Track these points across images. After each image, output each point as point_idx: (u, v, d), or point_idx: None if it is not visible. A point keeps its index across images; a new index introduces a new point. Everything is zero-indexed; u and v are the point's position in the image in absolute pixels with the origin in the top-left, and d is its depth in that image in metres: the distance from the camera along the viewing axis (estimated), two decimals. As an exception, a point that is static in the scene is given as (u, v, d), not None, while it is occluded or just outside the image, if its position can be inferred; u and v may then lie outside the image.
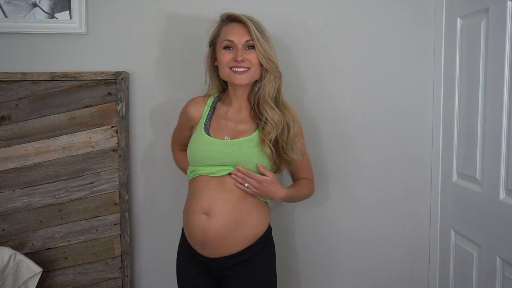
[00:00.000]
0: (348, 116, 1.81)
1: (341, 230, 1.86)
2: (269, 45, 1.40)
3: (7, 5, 1.67)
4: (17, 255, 1.59)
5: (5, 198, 1.70)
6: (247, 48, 1.39)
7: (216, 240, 1.34)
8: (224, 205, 1.35)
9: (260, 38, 1.37)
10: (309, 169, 1.57)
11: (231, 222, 1.35)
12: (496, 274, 1.47)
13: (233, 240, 1.35)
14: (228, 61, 1.38)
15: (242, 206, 1.36)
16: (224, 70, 1.41)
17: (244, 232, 1.36)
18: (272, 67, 1.40)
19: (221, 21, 1.46)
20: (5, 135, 1.69)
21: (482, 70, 1.52)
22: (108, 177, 1.74)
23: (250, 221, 1.37)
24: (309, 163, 1.57)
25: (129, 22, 1.73)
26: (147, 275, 1.83)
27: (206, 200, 1.36)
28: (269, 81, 1.40)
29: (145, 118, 1.77)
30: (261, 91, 1.40)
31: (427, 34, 1.81)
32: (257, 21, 1.42)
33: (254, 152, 1.36)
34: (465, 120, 1.63)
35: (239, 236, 1.36)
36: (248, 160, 1.36)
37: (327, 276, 1.88)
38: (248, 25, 1.37)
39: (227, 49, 1.40)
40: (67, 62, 1.72)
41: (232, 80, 1.40)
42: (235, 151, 1.36)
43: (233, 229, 1.35)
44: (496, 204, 1.46)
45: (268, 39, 1.40)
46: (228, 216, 1.34)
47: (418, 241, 1.88)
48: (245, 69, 1.38)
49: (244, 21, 1.38)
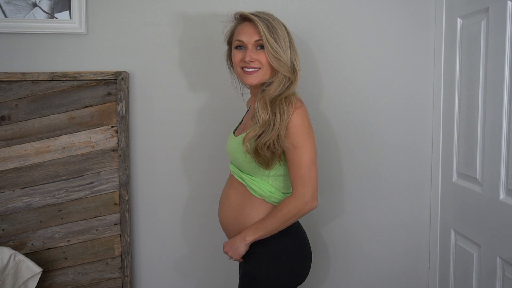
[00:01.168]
0: (348, 117, 1.81)
1: (341, 230, 1.86)
2: (280, 44, 1.33)
3: (7, 5, 1.67)
4: (17, 255, 1.59)
5: (5, 198, 1.70)
6: (258, 48, 1.36)
7: (224, 226, 1.46)
8: (227, 198, 1.45)
9: (269, 38, 1.32)
10: (296, 177, 1.31)
11: (232, 215, 1.42)
12: (496, 274, 1.47)
13: (236, 231, 1.41)
14: (239, 61, 1.38)
15: (241, 202, 1.40)
16: (236, 70, 1.41)
17: (244, 226, 1.39)
18: (283, 68, 1.34)
19: (235, 20, 1.44)
20: (5, 135, 1.69)
21: (482, 70, 1.52)
22: (108, 177, 1.74)
23: (249, 217, 1.38)
24: (296, 171, 1.31)
25: (129, 22, 1.73)
26: (147, 275, 1.83)
27: (223, 191, 1.50)
28: (278, 81, 1.36)
29: (145, 118, 1.77)
30: (266, 89, 1.38)
31: (427, 34, 1.81)
32: (271, 19, 1.35)
33: (239, 149, 1.37)
34: (465, 120, 1.63)
35: (240, 228, 1.40)
36: (235, 157, 1.40)
37: (327, 276, 1.88)
38: (257, 24, 1.33)
39: (238, 49, 1.39)
40: (67, 62, 1.72)
41: (243, 80, 1.40)
42: (234, 146, 1.40)
43: (233, 221, 1.42)
44: (496, 204, 1.46)
45: (280, 38, 1.34)
46: (230, 208, 1.43)
47: (418, 241, 1.89)
48: (255, 69, 1.36)
49: (253, 20, 1.34)
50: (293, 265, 1.38)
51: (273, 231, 1.34)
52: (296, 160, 1.30)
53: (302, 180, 1.30)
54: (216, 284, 1.85)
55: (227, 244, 1.42)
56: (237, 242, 1.37)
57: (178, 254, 1.83)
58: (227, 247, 1.41)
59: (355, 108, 1.81)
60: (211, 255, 1.83)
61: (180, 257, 1.83)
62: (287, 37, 1.37)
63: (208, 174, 1.80)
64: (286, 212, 1.31)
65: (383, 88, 1.81)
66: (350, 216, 1.86)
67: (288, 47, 1.36)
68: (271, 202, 1.38)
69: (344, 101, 1.81)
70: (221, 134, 1.78)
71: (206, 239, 1.83)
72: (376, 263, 1.88)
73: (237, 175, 1.41)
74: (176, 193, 1.81)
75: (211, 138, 1.79)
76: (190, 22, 1.74)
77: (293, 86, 1.37)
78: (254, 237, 1.35)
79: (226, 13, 1.45)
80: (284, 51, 1.35)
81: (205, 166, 1.80)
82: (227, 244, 1.42)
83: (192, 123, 1.78)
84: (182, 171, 1.80)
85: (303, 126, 1.31)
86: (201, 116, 1.78)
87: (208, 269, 1.84)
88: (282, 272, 1.35)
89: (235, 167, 1.43)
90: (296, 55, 1.39)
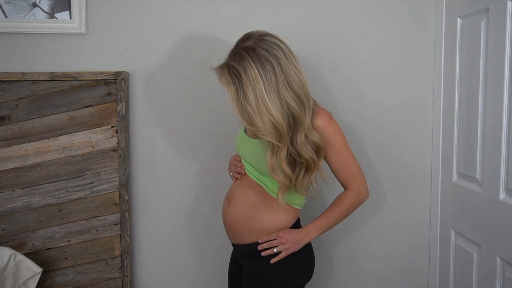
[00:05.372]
0: (347, 117, 1.81)
1: (341, 230, 1.86)
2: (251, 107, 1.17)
3: (7, 5, 1.67)
4: (17, 255, 1.59)
5: (5, 198, 1.70)
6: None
7: (231, 225, 1.41)
8: (241, 196, 1.40)
9: (236, 104, 1.19)
10: (344, 173, 1.37)
11: (244, 212, 1.38)
12: (496, 274, 1.47)
13: (244, 230, 1.38)
14: None
15: (258, 201, 1.37)
16: None
17: (255, 226, 1.37)
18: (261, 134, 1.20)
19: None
20: (5, 135, 1.69)
21: (482, 70, 1.52)
22: (108, 177, 1.74)
23: (263, 217, 1.37)
24: (342, 166, 1.36)
25: (129, 22, 1.73)
26: (147, 275, 1.83)
27: (232, 189, 1.45)
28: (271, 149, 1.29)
29: (145, 118, 1.77)
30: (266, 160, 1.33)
31: (427, 34, 1.81)
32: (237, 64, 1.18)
33: (261, 154, 1.32)
34: (465, 120, 1.63)
35: (250, 227, 1.37)
36: (257, 160, 1.35)
37: (327, 276, 1.88)
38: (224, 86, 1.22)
39: None
40: (67, 62, 1.72)
41: None
42: (253, 150, 1.37)
43: (244, 219, 1.37)
44: (496, 204, 1.46)
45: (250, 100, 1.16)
46: (241, 206, 1.39)
47: (418, 241, 1.89)
48: None
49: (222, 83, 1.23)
50: (300, 263, 1.39)
51: (333, 226, 1.39)
52: (343, 161, 1.35)
53: (356, 175, 1.38)
54: (216, 284, 1.85)
55: (287, 238, 1.33)
56: (301, 236, 1.35)
57: (178, 254, 1.83)
58: (288, 240, 1.33)
59: (355, 108, 1.81)
60: (211, 255, 1.83)
61: (180, 257, 1.83)
62: (273, 79, 1.18)
63: (208, 174, 1.80)
64: (349, 206, 1.39)
65: (383, 88, 1.81)
66: (350, 215, 1.85)
67: (273, 94, 1.18)
68: (292, 204, 1.38)
69: (343, 101, 1.81)
70: (221, 134, 1.78)
71: (206, 239, 1.83)
72: (376, 262, 1.88)
73: (254, 176, 1.38)
74: (176, 193, 1.81)
75: (211, 138, 1.79)
76: (191, 22, 1.74)
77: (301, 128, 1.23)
78: (317, 234, 1.37)
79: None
80: (259, 109, 1.17)
81: (205, 166, 1.80)
82: (287, 237, 1.33)
83: (192, 123, 1.78)
84: (182, 171, 1.80)
85: (338, 131, 1.33)
86: (202, 116, 1.78)
87: (208, 269, 1.84)
88: (291, 271, 1.37)
89: (252, 168, 1.39)
90: (294, 87, 1.20)
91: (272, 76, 1.18)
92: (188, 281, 1.84)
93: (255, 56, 1.18)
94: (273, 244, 1.34)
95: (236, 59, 1.20)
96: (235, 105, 1.20)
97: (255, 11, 1.75)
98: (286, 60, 1.20)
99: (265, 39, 1.21)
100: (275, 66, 1.18)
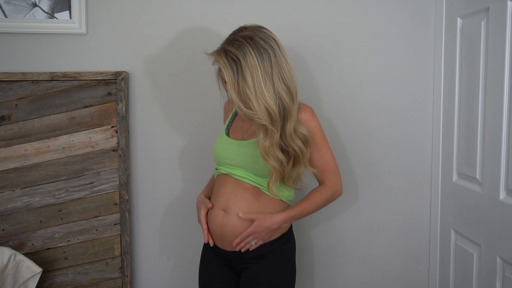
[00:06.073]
0: (347, 117, 1.81)
1: (341, 230, 1.86)
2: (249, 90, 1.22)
3: (7, 5, 1.67)
4: (17, 255, 1.59)
5: (5, 198, 1.70)
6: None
7: (234, 235, 1.37)
8: (239, 202, 1.37)
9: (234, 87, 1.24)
10: (321, 168, 1.42)
11: (246, 221, 1.36)
12: (496, 274, 1.47)
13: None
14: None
15: (257, 203, 1.37)
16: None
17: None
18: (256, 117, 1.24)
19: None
20: (5, 135, 1.69)
21: (482, 70, 1.52)
22: (108, 177, 1.74)
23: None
24: (321, 161, 1.41)
25: (129, 22, 1.73)
26: (147, 275, 1.83)
27: (224, 198, 1.40)
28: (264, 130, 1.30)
29: (145, 118, 1.77)
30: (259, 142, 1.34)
31: (427, 34, 1.81)
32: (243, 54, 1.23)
33: (257, 154, 1.34)
34: (465, 120, 1.63)
35: None
36: (254, 161, 1.36)
37: (326, 276, 1.88)
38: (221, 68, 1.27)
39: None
40: (67, 62, 1.72)
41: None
42: (245, 152, 1.37)
43: (249, 225, 1.36)
44: (496, 204, 1.46)
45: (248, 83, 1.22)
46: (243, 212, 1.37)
47: (418, 241, 1.89)
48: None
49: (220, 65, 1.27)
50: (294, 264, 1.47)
51: (305, 215, 1.41)
52: (323, 157, 1.41)
53: (333, 172, 1.43)
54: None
55: (254, 228, 1.33)
56: (266, 220, 1.33)
57: (178, 254, 1.83)
58: (258, 231, 1.33)
59: (354, 108, 1.81)
60: (211, 255, 1.84)
61: (180, 257, 1.83)
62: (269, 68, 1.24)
63: (208, 174, 1.80)
64: (325, 200, 1.43)
65: (383, 88, 1.81)
66: (350, 215, 1.86)
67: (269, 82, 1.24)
68: (287, 201, 1.42)
69: (343, 101, 1.81)
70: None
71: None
72: (376, 263, 1.88)
73: (248, 178, 1.38)
74: (176, 193, 1.81)
75: (212, 138, 1.79)
76: (190, 21, 1.74)
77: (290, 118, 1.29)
78: (287, 216, 1.37)
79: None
80: (257, 94, 1.23)
81: (205, 166, 1.80)
82: (254, 227, 1.33)
83: (192, 123, 1.78)
84: (182, 171, 1.80)
85: (319, 126, 1.40)
86: (202, 116, 1.78)
87: (208, 269, 1.84)
88: (294, 269, 1.45)
89: (245, 172, 1.38)
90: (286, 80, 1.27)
91: (268, 65, 1.24)
92: (188, 281, 1.84)
93: (253, 44, 1.24)
94: (248, 241, 1.36)
95: (235, 45, 1.25)
96: (233, 88, 1.24)
97: (255, 11, 1.75)
98: (280, 53, 1.27)
99: (262, 31, 1.28)
100: (271, 57, 1.25)
